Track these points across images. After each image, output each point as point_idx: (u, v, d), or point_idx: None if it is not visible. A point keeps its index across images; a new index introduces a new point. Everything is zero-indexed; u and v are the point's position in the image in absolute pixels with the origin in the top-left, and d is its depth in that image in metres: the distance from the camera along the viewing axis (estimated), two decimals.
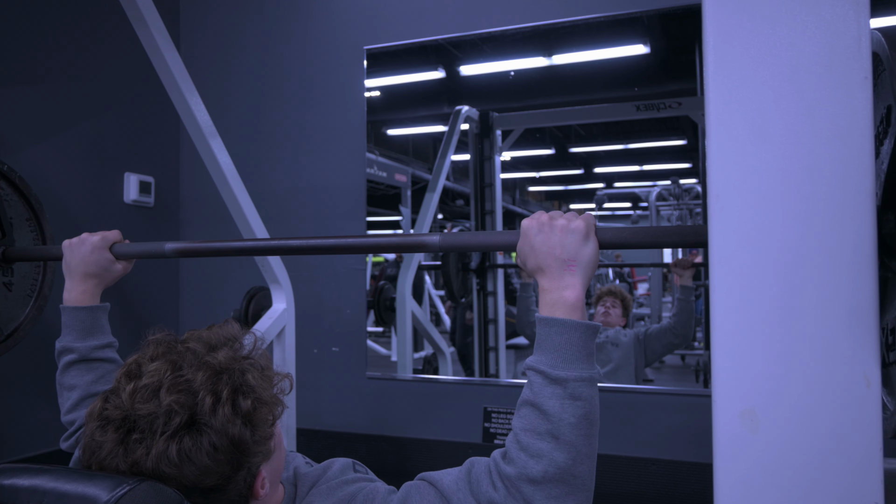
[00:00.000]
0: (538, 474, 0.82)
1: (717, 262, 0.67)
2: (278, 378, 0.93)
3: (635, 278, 4.35)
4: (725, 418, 0.66)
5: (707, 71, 0.67)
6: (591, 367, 0.86)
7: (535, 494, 0.82)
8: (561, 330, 0.86)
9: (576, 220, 0.90)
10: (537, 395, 0.85)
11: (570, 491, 0.82)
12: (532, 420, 0.85)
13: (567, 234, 0.89)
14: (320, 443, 2.38)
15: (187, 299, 2.63)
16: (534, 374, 0.87)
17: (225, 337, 0.91)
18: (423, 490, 0.90)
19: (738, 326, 0.66)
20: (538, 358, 0.87)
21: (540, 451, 0.83)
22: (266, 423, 0.87)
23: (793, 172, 0.64)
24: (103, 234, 1.24)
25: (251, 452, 0.83)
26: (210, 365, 0.84)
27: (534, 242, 0.91)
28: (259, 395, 0.86)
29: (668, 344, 2.64)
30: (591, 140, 3.62)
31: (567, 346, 0.86)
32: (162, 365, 0.84)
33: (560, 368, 0.85)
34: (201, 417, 0.80)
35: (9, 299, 1.58)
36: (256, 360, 0.91)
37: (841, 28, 0.63)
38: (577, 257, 0.89)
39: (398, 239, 1.35)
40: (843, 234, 0.63)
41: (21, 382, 1.96)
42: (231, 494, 0.83)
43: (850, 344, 0.63)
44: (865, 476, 0.62)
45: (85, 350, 1.18)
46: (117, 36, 2.26)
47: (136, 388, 0.81)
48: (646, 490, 2.03)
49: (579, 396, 0.84)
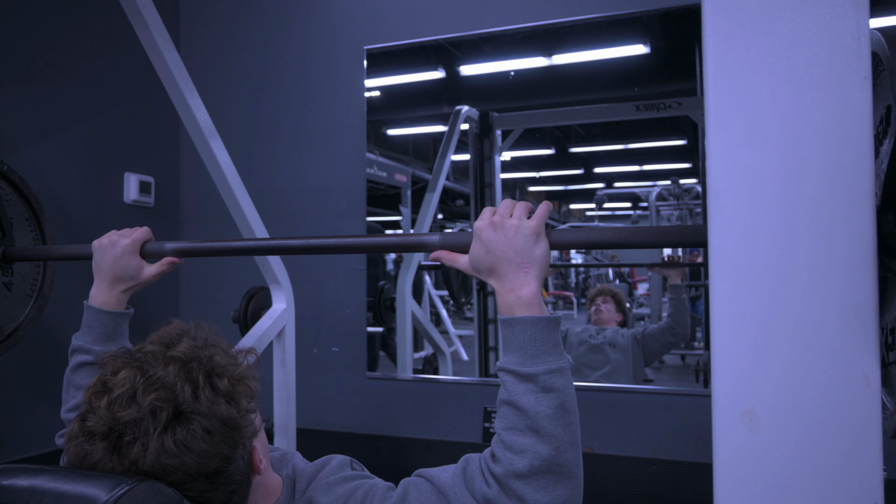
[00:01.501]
0: (524, 469, 0.84)
1: (717, 262, 0.67)
2: (242, 355, 0.94)
3: (635, 278, 4.35)
4: (725, 418, 0.66)
5: (707, 71, 0.67)
6: (559, 357, 0.88)
7: (524, 489, 0.83)
8: (523, 328, 0.88)
9: (526, 219, 0.90)
10: (511, 393, 0.87)
11: (557, 480, 0.84)
12: (511, 418, 0.87)
13: (518, 235, 0.89)
14: (320, 443, 2.38)
15: (187, 299, 2.63)
16: (505, 375, 0.89)
17: (176, 332, 0.91)
18: (421, 486, 0.92)
19: (738, 326, 0.66)
20: (507, 358, 0.89)
21: (523, 447, 0.84)
22: (247, 398, 0.88)
23: (792, 172, 0.64)
24: (133, 238, 1.20)
25: (241, 427, 0.85)
26: (176, 358, 0.85)
27: (487, 246, 0.91)
28: (231, 373, 0.88)
29: (666, 343, 2.65)
30: (591, 140, 3.61)
31: (531, 343, 0.87)
32: (128, 373, 0.83)
33: (529, 365, 0.87)
34: (186, 406, 0.81)
35: (9, 299, 1.58)
36: (216, 341, 0.92)
37: (840, 28, 0.63)
38: (531, 258, 0.90)
39: (398, 239, 1.35)
40: (843, 234, 0.63)
41: (21, 383, 1.96)
42: (234, 475, 0.84)
43: (850, 344, 0.63)
44: (865, 476, 0.62)
45: (102, 355, 1.18)
46: (117, 36, 2.26)
47: (110, 400, 0.81)
48: (646, 490, 2.03)
49: (552, 388, 0.85)
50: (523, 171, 3.92)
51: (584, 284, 5.61)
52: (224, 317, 2.21)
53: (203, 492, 0.81)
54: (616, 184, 3.86)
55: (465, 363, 3.39)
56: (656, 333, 2.66)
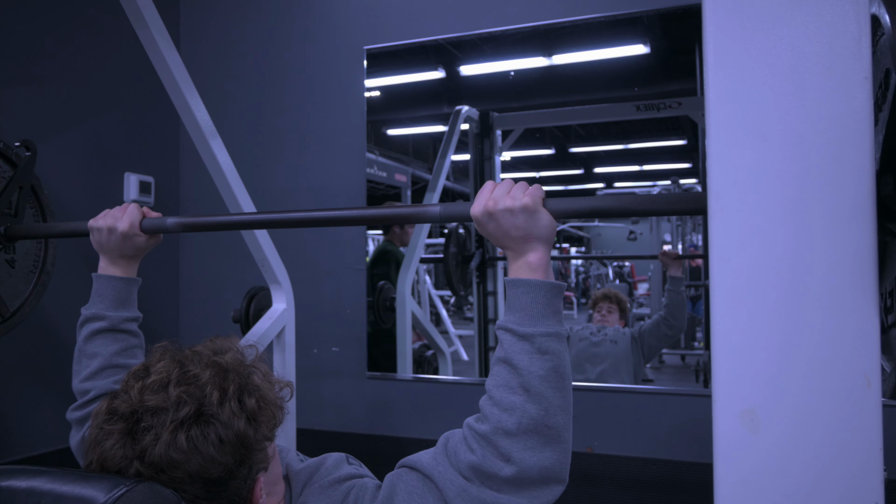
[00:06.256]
0: (513, 426, 0.85)
1: (717, 261, 0.66)
2: (280, 385, 0.95)
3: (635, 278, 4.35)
4: (725, 418, 0.66)
5: (707, 71, 0.67)
6: (557, 323, 0.90)
7: (511, 447, 0.84)
8: (527, 290, 0.90)
9: (521, 196, 0.91)
10: (507, 351, 0.89)
11: (545, 442, 0.85)
12: (504, 376, 0.88)
13: (515, 215, 0.91)
14: (320, 442, 2.38)
15: (187, 299, 2.63)
16: (503, 333, 0.90)
17: (229, 346, 0.94)
18: (405, 477, 0.92)
19: (738, 326, 0.66)
20: (507, 317, 0.91)
21: (513, 404, 0.86)
22: (268, 425, 0.89)
23: (792, 172, 0.64)
24: (131, 221, 1.21)
25: (254, 450, 0.85)
26: (217, 364, 0.87)
27: (488, 230, 0.94)
28: (264, 394, 0.89)
29: (662, 336, 2.64)
30: (591, 140, 3.62)
31: (533, 305, 0.89)
32: (169, 363, 0.86)
33: (527, 325, 0.88)
34: (208, 409, 0.82)
35: (12, 276, 1.58)
36: (260, 365, 0.94)
37: (841, 28, 0.63)
38: (533, 232, 0.92)
39: (400, 210, 1.37)
40: (843, 235, 0.63)
41: (23, 373, 1.96)
42: (231, 493, 0.84)
43: (850, 343, 0.63)
44: (866, 476, 0.62)
45: (116, 319, 1.18)
46: (117, 36, 2.26)
47: (144, 385, 0.83)
48: (646, 490, 2.03)
49: (547, 350, 0.87)
50: (523, 171, 3.92)
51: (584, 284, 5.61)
52: (224, 317, 2.21)
53: (197, 497, 0.81)
54: (616, 184, 3.86)
55: (465, 363, 3.39)
56: (651, 328, 2.66)
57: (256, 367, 0.92)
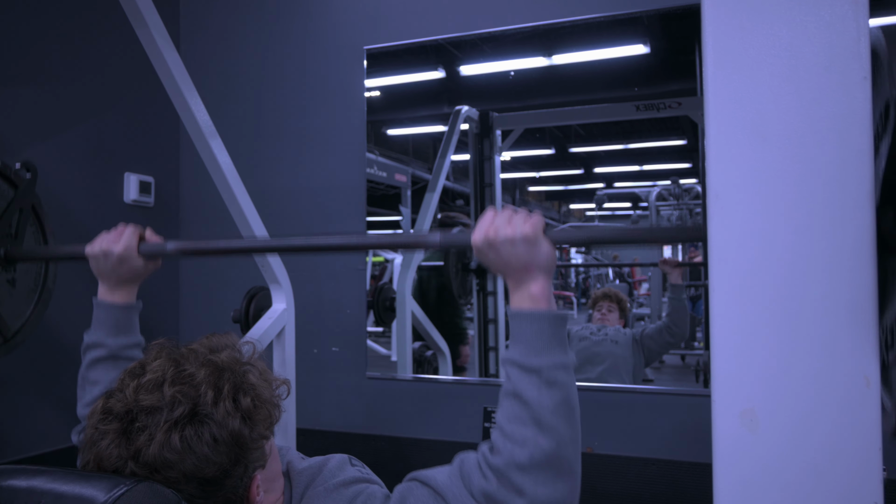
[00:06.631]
0: (525, 460, 0.84)
1: (716, 262, 0.66)
2: (276, 383, 0.95)
3: (636, 278, 4.35)
4: (725, 418, 0.66)
5: (706, 71, 0.67)
6: (563, 353, 0.89)
7: (524, 481, 0.84)
8: (530, 321, 0.89)
9: (521, 226, 0.91)
10: (516, 385, 0.88)
11: (557, 475, 0.84)
12: (514, 410, 0.87)
13: (516, 245, 0.90)
14: (319, 442, 2.38)
15: (187, 299, 2.63)
16: (510, 366, 0.90)
17: (225, 343, 0.93)
18: (417, 491, 0.91)
19: (737, 326, 0.66)
20: (513, 350, 0.90)
21: (524, 438, 0.85)
22: (264, 423, 0.88)
23: (792, 172, 0.64)
24: (126, 244, 1.16)
25: (249, 449, 0.85)
26: (213, 362, 0.87)
27: (488, 259, 0.93)
28: (259, 393, 0.89)
29: (664, 343, 2.65)
30: (591, 140, 3.61)
31: (538, 336, 0.89)
32: (165, 362, 0.86)
33: (534, 357, 0.88)
34: (203, 409, 0.82)
35: (13, 296, 1.58)
36: (257, 363, 0.93)
37: (840, 28, 0.63)
38: (533, 261, 0.91)
39: (400, 238, 1.37)
40: (842, 233, 0.63)
41: (25, 383, 1.95)
42: (227, 491, 0.84)
43: (849, 344, 0.63)
44: (865, 476, 0.62)
45: (115, 348, 1.18)
46: (117, 36, 2.26)
47: (139, 383, 0.83)
48: (645, 490, 2.03)
49: (555, 381, 0.86)
50: (523, 171, 3.92)
51: (584, 284, 5.60)
52: (225, 317, 2.21)
53: (193, 496, 0.81)
54: (616, 184, 3.86)
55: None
56: (654, 334, 2.66)
57: (253, 364, 0.92)
